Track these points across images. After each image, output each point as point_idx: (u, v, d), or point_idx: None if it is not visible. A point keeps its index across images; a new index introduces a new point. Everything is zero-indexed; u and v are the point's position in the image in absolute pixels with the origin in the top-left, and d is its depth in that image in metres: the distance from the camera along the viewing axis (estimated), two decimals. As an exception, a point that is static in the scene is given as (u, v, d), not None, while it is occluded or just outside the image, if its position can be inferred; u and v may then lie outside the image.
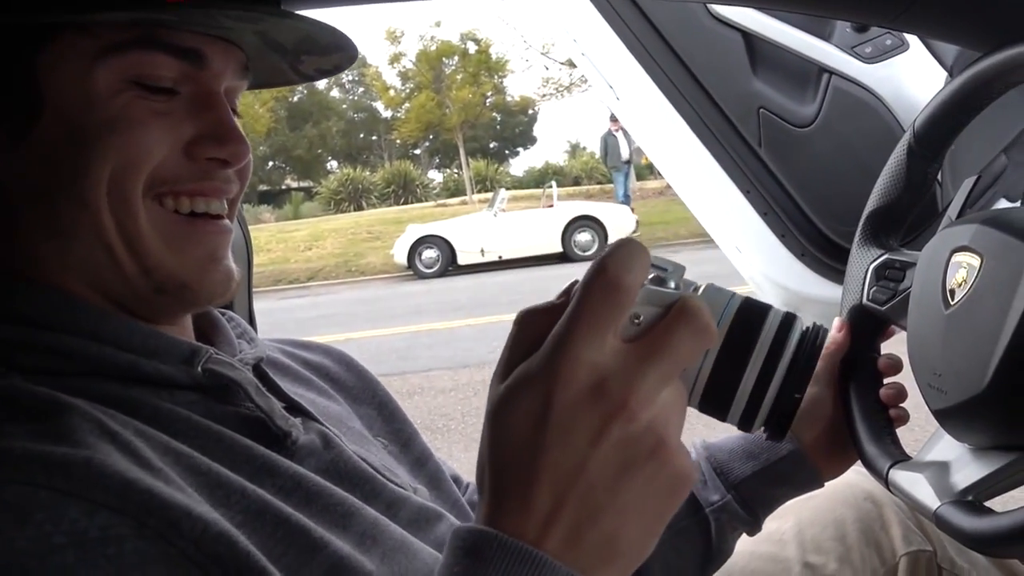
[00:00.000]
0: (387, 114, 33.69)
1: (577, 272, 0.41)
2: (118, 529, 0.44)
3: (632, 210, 11.84)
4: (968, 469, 0.65)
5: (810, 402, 0.80)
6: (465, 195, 22.67)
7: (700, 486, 0.80)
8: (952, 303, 0.65)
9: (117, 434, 0.48)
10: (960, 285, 0.65)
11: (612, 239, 10.99)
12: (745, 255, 1.44)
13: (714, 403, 0.44)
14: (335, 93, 37.81)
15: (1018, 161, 1.24)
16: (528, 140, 37.95)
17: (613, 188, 14.48)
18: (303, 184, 34.87)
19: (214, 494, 0.49)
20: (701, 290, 0.45)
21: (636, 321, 0.40)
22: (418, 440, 0.79)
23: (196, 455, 0.51)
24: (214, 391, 0.58)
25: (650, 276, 0.42)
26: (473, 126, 28.74)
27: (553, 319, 0.39)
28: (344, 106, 37.84)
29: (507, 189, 14.98)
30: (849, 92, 1.20)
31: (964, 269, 0.65)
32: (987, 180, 1.24)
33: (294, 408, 0.63)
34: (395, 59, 29.06)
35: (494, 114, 32.71)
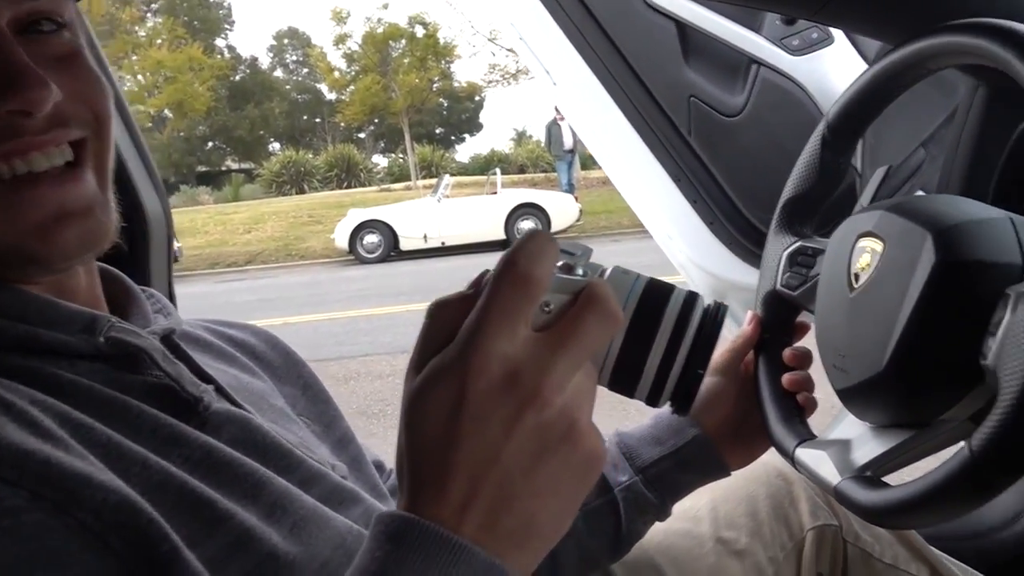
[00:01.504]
0: (331, 96, 33.21)
1: None
2: (13, 500, 0.44)
3: (576, 199, 11.90)
4: (868, 446, 0.68)
5: (714, 393, 0.82)
6: (410, 180, 22.50)
7: (611, 468, 0.81)
8: (856, 287, 0.68)
9: (13, 404, 0.47)
10: (864, 269, 0.67)
11: (556, 227, 11.06)
12: (675, 243, 1.46)
13: (622, 381, 0.46)
14: (279, 73, 37.13)
15: (934, 155, 1.28)
16: (474, 127, 37.84)
17: (557, 177, 14.54)
18: (244, 166, 34.18)
19: (115, 465, 0.49)
20: (607, 274, 0.47)
21: (546, 309, 0.41)
22: (341, 423, 0.78)
23: (97, 425, 0.50)
24: (119, 360, 0.57)
25: (559, 263, 0.43)
26: (419, 111, 28.51)
27: (465, 310, 0.40)
28: (288, 87, 37.16)
29: (452, 175, 14.91)
30: (776, 83, 1.23)
31: (868, 254, 0.67)
32: (905, 173, 1.28)
33: (204, 379, 0.62)
34: (340, 40, 28.65)
35: (441, 99, 32.51)
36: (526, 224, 10.82)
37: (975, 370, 0.57)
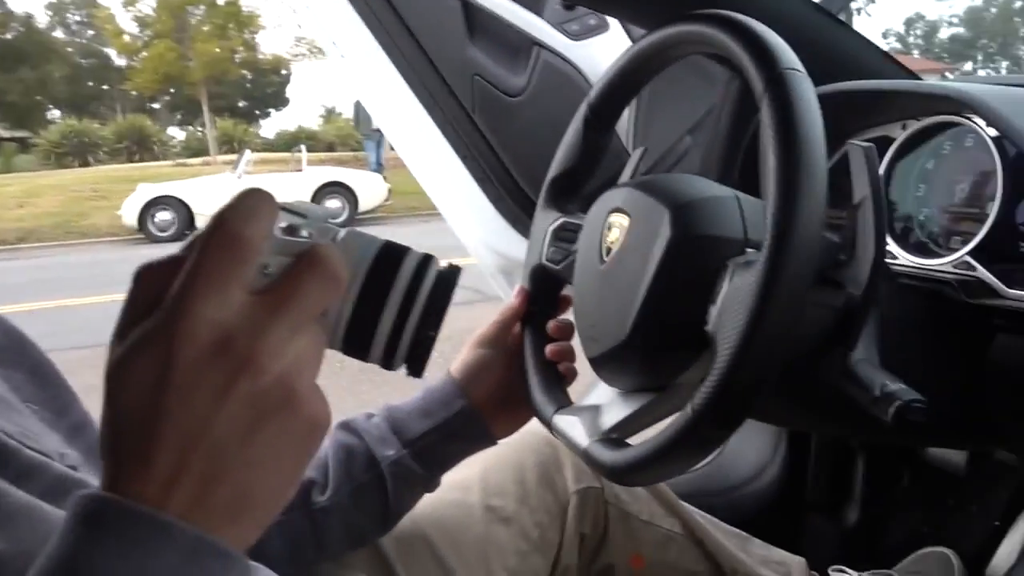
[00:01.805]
0: (121, 62, 30.66)
1: None
2: None
3: (385, 179, 11.77)
4: (614, 410, 0.72)
5: (482, 364, 0.84)
6: (209, 155, 21.28)
7: (377, 443, 0.81)
8: (606, 260, 0.71)
9: None
10: (613, 243, 0.71)
11: (363, 207, 10.90)
12: (464, 222, 1.48)
13: (356, 345, 0.45)
14: (59, 34, 33.75)
15: (699, 142, 1.38)
16: (280, 101, 36.38)
17: (366, 156, 14.31)
18: (17, 134, 30.84)
19: None
20: (340, 236, 0.46)
21: (266, 272, 0.39)
22: (77, 408, 0.72)
23: None
24: None
25: (283, 225, 0.42)
26: (220, 82, 27.01)
27: (174, 274, 0.38)
28: (70, 49, 33.90)
29: (255, 151, 14.27)
30: (556, 66, 1.27)
31: (617, 228, 0.71)
32: (673, 158, 1.37)
33: None
34: (131, 1, 26.48)
35: (244, 72, 30.93)
36: (333, 203, 10.57)
37: (703, 337, 0.62)
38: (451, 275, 0.47)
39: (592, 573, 1.05)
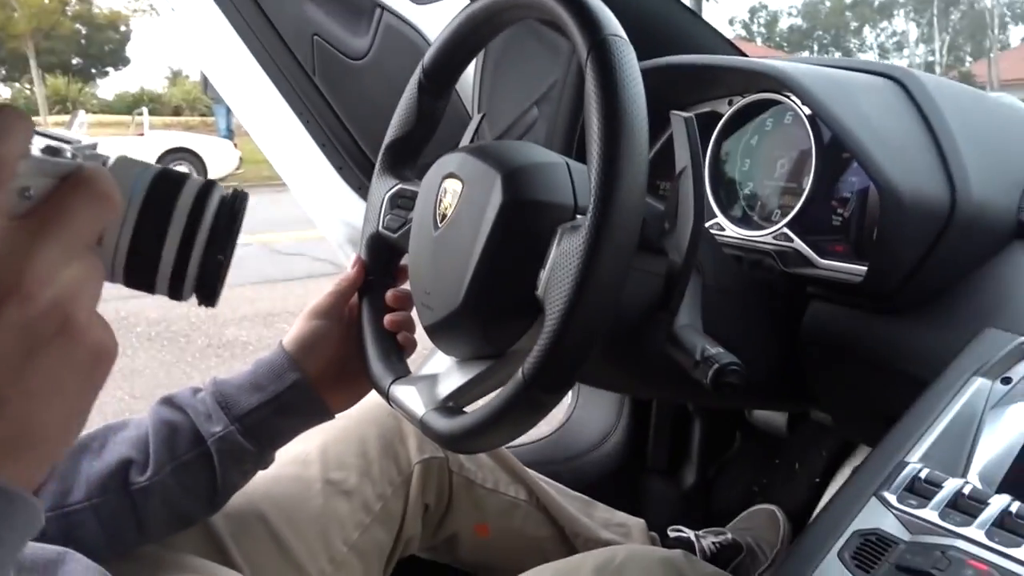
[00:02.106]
0: (-68, 8, 27.66)
1: None
2: None
3: (235, 145, 11.25)
4: (451, 379, 0.71)
5: (317, 336, 0.81)
6: (38, 115, 19.64)
7: (203, 419, 0.77)
8: (440, 226, 0.70)
9: None
10: (447, 209, 0.70)
11: (213, 175, 10.39)
12: (309, 191, 1.43)
13: (139, 275, 0.42)
14: None
15: (546, 113, 1.39)
16: (120, 60, 33.93)
17: (215, 121, 13.63)
18: None
19: None
20: (111, 163, 0.43)
21: (27, 195, 0.36)
22: None
23: None
24: None
25: (43, 146, 0.39)
26: (49, 36, 24.87)
27: None
28: None
29: (92, 113, 13.29)
30: (399, 30, 1.23)
31: (451, 194, 0.70)
32: (521, 129, 1.37)
33: None
34: (-58, -60, 23.89)
35: (77, 26, 28.65)
36: (178, 170, 10.02)
37: (535, 302, 0.62)
38: (236, 199, 0.44)
39: (437, 543, 1.05)
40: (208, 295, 0.44)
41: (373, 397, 0.91)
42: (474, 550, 1.05)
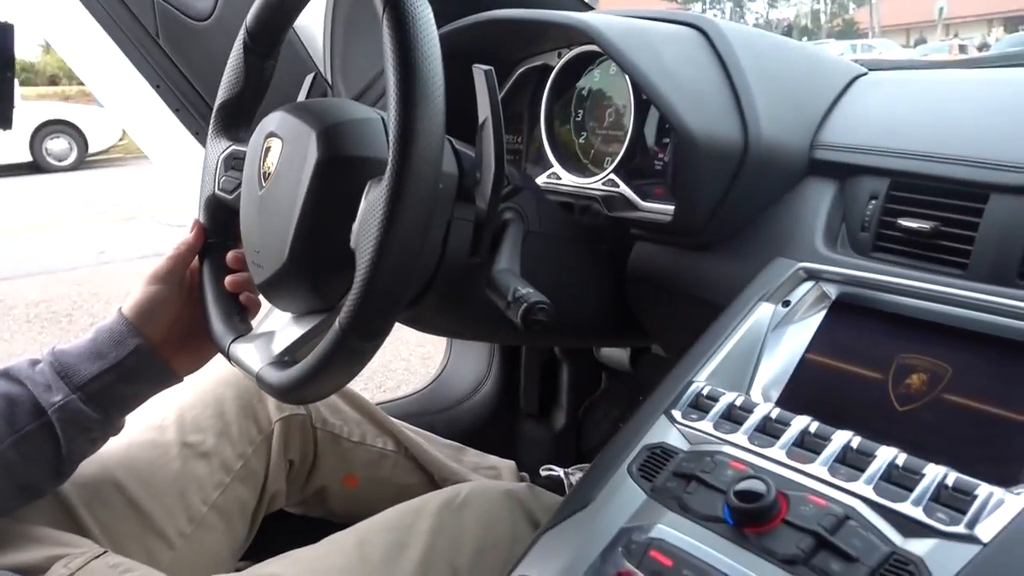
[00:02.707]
0: None
1: (51, 185, 0.37)
2: None
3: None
4: (286, 334, 0.73)
5: (158, 300, 0.81)
6: None
7: (42, 390, 0.76)
8: (264, 184, 0.71)
9: None
10: (269, 167, 0.71)
11: (94, 148, 9.89)
12: (166, 158, 1.40)
13: None
14: None
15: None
16: (-14, 27, 31.67)
17: (95, 90, 12.92)
18: None
19: None
20: None
21: None
22: None
23: None
24: None
25: None
26: (-98, 2, 22.96)
27: None
28: None
29: (-46, 84, 12.35)
30: (242, -11, 1.22)
31: (272, 152, 0.71)
32: (375, 96, 1.37)
33: None
34: None
35: (-67, -10, 26.53)
36: (56, 144, 9.49)
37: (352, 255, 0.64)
38: (5, 28, 0.50)
39: (306, 497, 1.07)
40: (5, 118, 0.48)
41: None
42: (344, 501, 1.08)
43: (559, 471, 1.31)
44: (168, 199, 6.18)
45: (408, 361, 2.96)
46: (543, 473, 1.29)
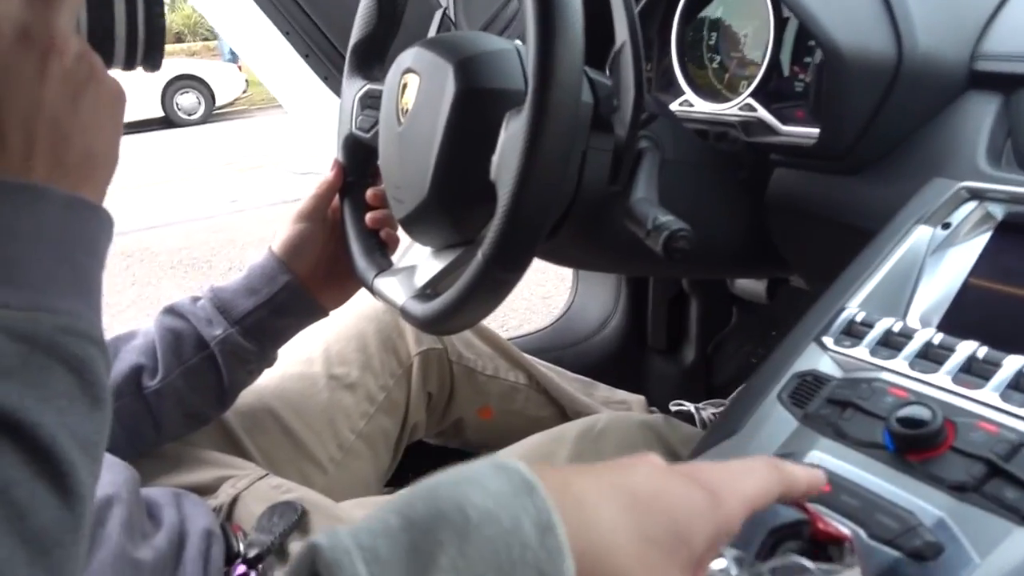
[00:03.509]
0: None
1: (182, 138, 0.43)
2: None
3: (240, 68, 11.11)
4: (428, 267, 0.75)
5: (303, 238, 0.85)
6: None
7: (204, 324, 0.82)
8: (402, 121, 0.73)
9: None
10: (407, 104, 0.72)
11: (220, 101, 10.32)
12: (299, 104, 1.45)
13: (102, 50, 0.49)
14: None
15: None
16: (117, -10, 33.20)
17: (219, 45, 13.44)
18: None
19: None
20: None
21: None
22: None
23: None
24: None
25: None
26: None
27: None
28: None
29: (93, 46, 13.06)
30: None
31: (410, 89, 0.72)
32: (501, 24, 1.36)
33: None
34: None
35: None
36: (187, 99, 9.96)
37: (493, 188, 0.65)
38: None
39: (444, 428, 1.11)
40: (156, 60, 0.51)
41: (370, 295, 0.96)
42: (479, 432, 1.11)
43: (690, 406, 1.30)
44: (293, 148, 6.40)
45: (529, 301, 2.99)
46: (673, 408, 1.28)
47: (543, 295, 2.99)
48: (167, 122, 9.71)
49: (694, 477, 0.36)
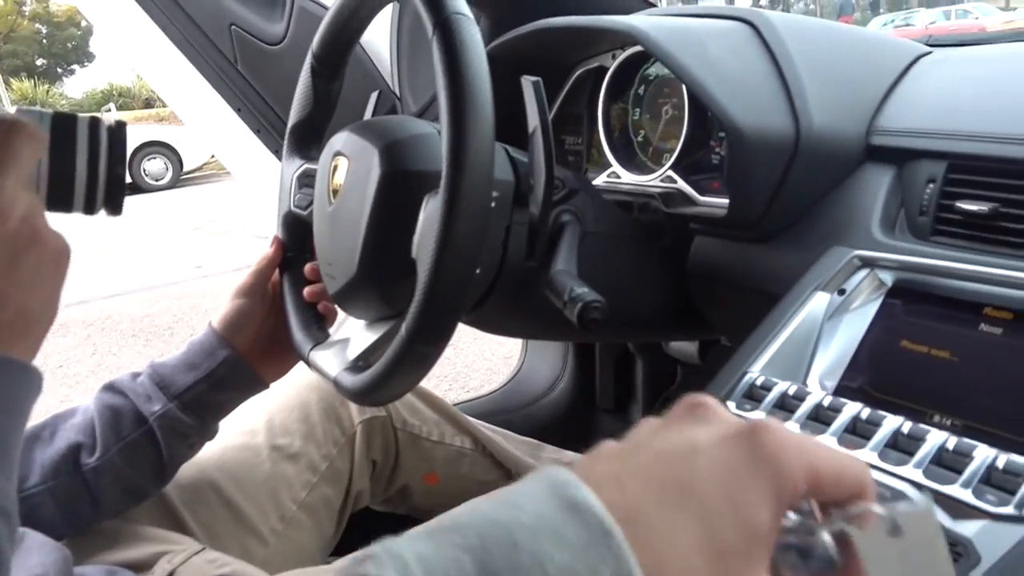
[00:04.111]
0: None
1: (150, 203, 0.47)
2: None
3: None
4: (360, 340, 0.78)
5: (243, 313, 0.87)
6: (8, 122, 19.38)
7: (143, 400, 0.83)
8: (333, 201, 0.76)
9: None
10: (338, 185, 0.75)
11: (188, 165, 10.35)
12: (249, 174, 1.48)
13: (59, 198, 0.54)
14: None
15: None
16: (85, 56, 33.43)
17: (186, 111, 13.49)
18: None
19: None
20: (15, 110, 0.54)
21: None
22: None
23: None
24: None
25: None
26: (9, 39, 24.52)
27: None
28: None
29: (60, 114, 13.07)
30: (311, 11, 1.28)
31: (340, 170, 0.75)
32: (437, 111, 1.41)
33: None
34: None
35: (37, 25, 28.20)
36: (153, 164, 9.98)
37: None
38: (120, 127, 0.56)
39: (390, 495, 1.12)
40: (116, 206, 0.55)
41: (312, 369, 0.97)
42: (426, 498, 1.12)
43: (638, 465, 1.32)
44: (258, 212, 6.42)
45: (491, 361, 3.01)
46: (622, 467, 1.30)
47: (504, 355, 3.01)
48: (135, 188, 9.70)
49: (758, 443, 0.31)
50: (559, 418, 1.47)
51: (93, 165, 0.53)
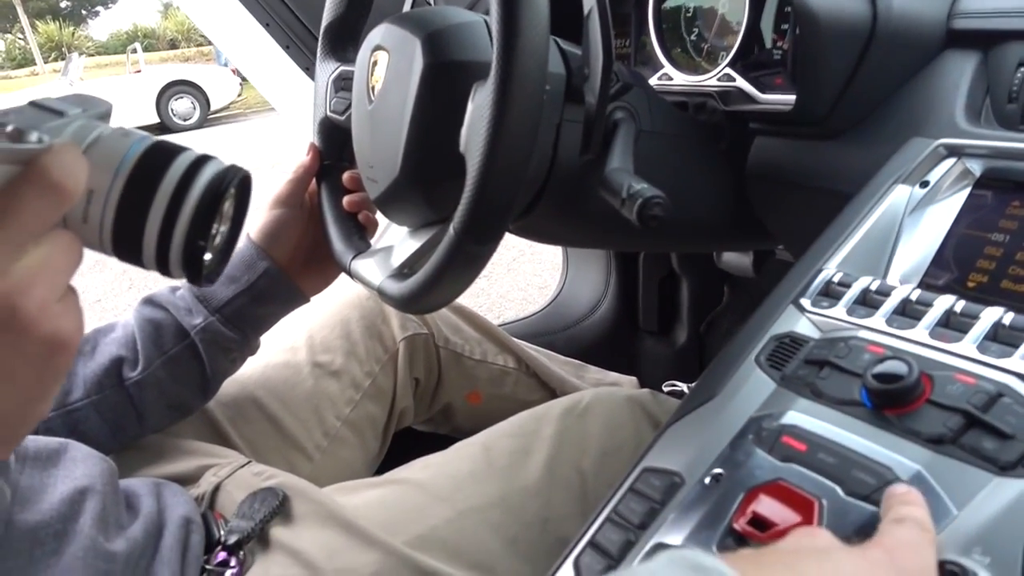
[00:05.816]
0: (-88, -34, 27.07)
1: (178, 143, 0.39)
2: None
3: (235, 72, 11.10)
4: (404, 247, 0.74)
5: (281, 224, 0.84)
6: (35, 64, 19.46)
7: (184, 314, 0.81)
8: (373, 99, 0.72)
9: None
10: (377, 81, 0.71)
11: (215, 105, 10.31)
12: (286, 100, 1.44)
13: (125, 249, 0.42)
14: None
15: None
16: (109, -2, 33.23)
17: (213, 50, 13.42)
18: None
19: None
20: (104, 134, 0.41)
21: None
22: None
23: None
24: None
25: (8, 129, 0.37)
26: (34, -19, 24.41)
27: None
28: None
29: (89, 55, 13.10)
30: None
31: (379, 66, 0.71)
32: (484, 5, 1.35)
33: None
34: None
35: (60, -33, 28.02)
36: (180, 104, 9.95)
37: (462, 161, 0.63)
38: (224, 177, 0.42)
39: (433, 414, 1.11)
40: (193, 275, 0.42)
41: (351, 281, 0.95)
42: (469, 417, 1.10)
43: (682, 386, 1.30)
44: (287, 149, 6.38)
45: (526, 291, 2.99)
46: (666, 389, 1.28)
47: (539, 284, 2.98)
48: (163, 128, 9.70)
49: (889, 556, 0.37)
50: (601, 341, 1.44)
51: (169, 222, 0.40)
